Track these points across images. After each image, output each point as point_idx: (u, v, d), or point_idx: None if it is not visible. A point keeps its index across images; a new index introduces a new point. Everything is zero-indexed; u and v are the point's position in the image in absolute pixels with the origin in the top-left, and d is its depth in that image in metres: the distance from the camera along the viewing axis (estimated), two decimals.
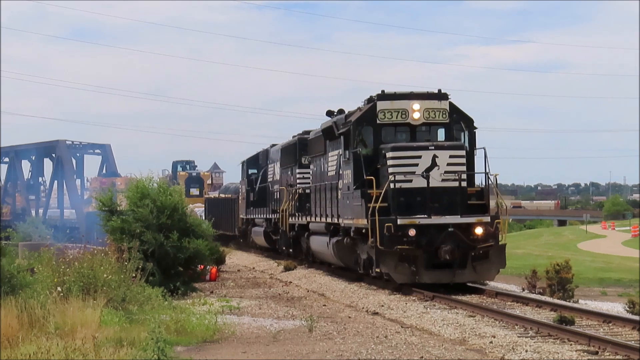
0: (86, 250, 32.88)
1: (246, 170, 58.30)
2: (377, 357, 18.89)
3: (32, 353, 16.28)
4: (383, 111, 30.49)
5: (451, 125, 31.15)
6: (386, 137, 30.86)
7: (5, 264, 25.61)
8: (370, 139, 30.99)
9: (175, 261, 33.21)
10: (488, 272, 29.31)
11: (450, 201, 29.05)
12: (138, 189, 35.45)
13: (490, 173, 29.84)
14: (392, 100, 30.71)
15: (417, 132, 30.84)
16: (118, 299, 24.73)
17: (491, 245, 28.66)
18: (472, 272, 28.49)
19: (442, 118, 30.95)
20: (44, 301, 21.84)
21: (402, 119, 30.68)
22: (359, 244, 31.51)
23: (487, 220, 28.81)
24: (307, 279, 38.05)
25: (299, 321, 24.62)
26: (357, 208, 30.08)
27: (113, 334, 20.02)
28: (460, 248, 28.00)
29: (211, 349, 20.39)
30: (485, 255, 28.52)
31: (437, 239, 28.04)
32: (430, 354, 19.26)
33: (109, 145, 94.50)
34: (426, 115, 30.61)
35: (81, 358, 16.47)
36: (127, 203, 35.83)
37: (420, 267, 28.04)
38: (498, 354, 19.22)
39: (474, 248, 28.35)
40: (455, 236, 28.04)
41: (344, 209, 32.27)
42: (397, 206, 28.70)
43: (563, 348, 19.74)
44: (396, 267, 28.07)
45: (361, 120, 30.62)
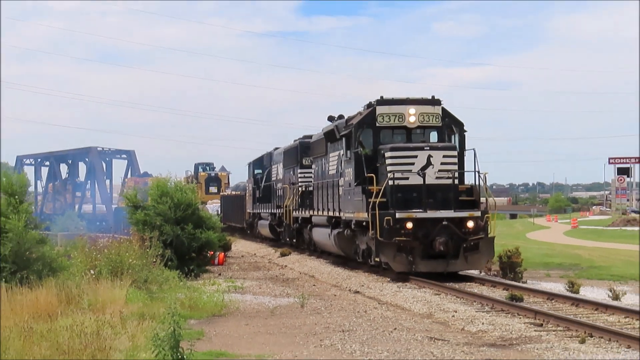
0: (114, 239, 32.95)
1: (252, 171, 57.62)
2: (358, 329, 18.90)
3: (69, 325, 16.25)
4: (382, 115, 29.46)
5: (443, 129, 30.00)
6: (384, 139, 29.75)
7: (46, 251, 25.55)
8: (370, 141, 29.86)
9: (190, 248, 33.22)
10: (478, 262, 28.08)
11: (443, 197, 27.89)
12: (158, 187, 35.49)
13: (480, 172, 28.92)
14: (390, 105, 29.61)
15: (413, 134, 29.76)
16: (141, 280, 24.71)
17: (481, 238, 27.45)
18: (464, 262, 27.30)
19: (435, 122, 29.83)
20: (78, 282, 21.82)
21: (399, 122, 29.54)
22: (359, 236, 30.45)
23: (477, 214, 27.65)
24: (299, 263, 38.01)
25: (292, 299, 24.60)
26: (358, 203, 29.02)
27: (137, 310, 20.01)
28: (453, 240, 26.88)
29: (219, 322, 20.40)
30: (476, 246, 27.35)
31: (432, 231, 26.85)
32: (402, 326, 19.29)
33: (134, 151, 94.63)
34: (421, 119, 29.52)
35: (110, 329, 16.46)
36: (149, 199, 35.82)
37: (417, 257, 26.92)
38: (459, 326, 19.27)
39: (465, 240, 27.13)
40: (449, 229, 26.90)
41: (345, 204, 31.19)
42: (395, 201, 27.59)
43: (513, 321, 19.80)
44: (395, 257, 26.93)
45: (362, 123, 29.71)
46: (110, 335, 15.88)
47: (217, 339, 17.54)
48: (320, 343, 17.04)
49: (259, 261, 41.64)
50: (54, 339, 14.70)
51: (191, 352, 12.72)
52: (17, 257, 23.72)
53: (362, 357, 15.44)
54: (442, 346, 16.47)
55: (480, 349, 16.31)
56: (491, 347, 16.59)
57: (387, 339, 17.41)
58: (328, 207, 33.90)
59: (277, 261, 40.78)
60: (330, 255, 36.61)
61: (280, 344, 16.96)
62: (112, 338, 15.71)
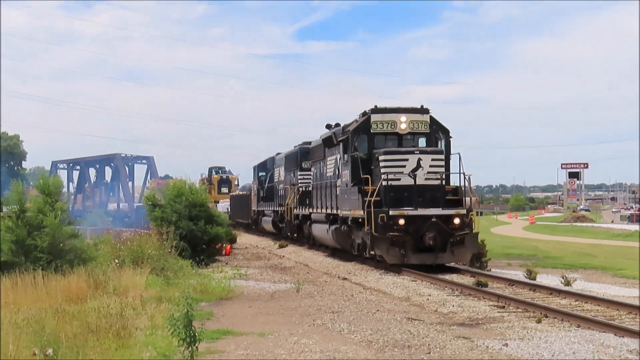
0: (136, 233, 32.94)
1: (257, 173, 57.05)
2: (345, 310, 18.90)
3: (96, 307, 16.24)
4: (376, 122, 28.63)
5: (431, 135, 29.03)
6: (378, 144, 28.74)
7: (77, 243, 25.55)
8: (365, 145, 28.84)
9: (201, 241, 33.27)
10: (464, 255, 26.78)
11: (432, 196, 26.91)
12: (175, 189, 35.58)
13: (465, 173, 27.94)
14: (383, 113, 28.77)
15: (404, 140, 28.73)
16: (159, 268, 24.71)
17: (467, 233, 26.49)
18: (450, 255, 26.21)
19: (424, 129, 28.88)
20: (105, 270, 21.79)
21: (391, 129, 28.69)
22: (354, 231, 29.44)
23: (463, 212, 26.71)
24: (295, 254, 37.95)
25: (289, 284, 24.57)
26: (354, 201, 28.15)
27: (155, 294, 20.00)
28: (441, 235, 25.86)
29: (226, 304, 20.38)
30: (462, 241, 26.32)
31: (422, 227, 25.85)
32: (383, 308, 19.29)
33: (152, 157, 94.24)
34: (411, 126, 28.67)
35: (132, 311, 16.45)
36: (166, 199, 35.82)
37: (408, 250, 25.90)
38: (433, 308, 19.28)
39: (452, 235, 26.13)
40: (437, 225, 25.92)
41: (342, 202, 30.23)
42: (388, 200, 26.71)
43: (479, 303, 19.80)
44: (388, 250, 25.95)
45: (358, 130, 28.95)
46: (132, 316, 15.88)
47: (224, 319, 17.54)
48: (313, 322, 17.04)
49: (261, 252, 41.60)
50: (84, 319, 14.70)
51: (202, 330, 12.70)
52: (52, 249, 23.71)
53: (349, 334, 15.44)
54: (418, 325, 16.48)
55: (451, 327, 16.33)
56: (460, 326, 16.61)
57: (371, 319, 17.41)
58: (326, 205, 33.25)
59: (276, 252, 40.72)
60: (327, 249, 35.98)
61: (279, 323, 16.96)
62: (133, 318, 15.72)
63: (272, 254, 39.78)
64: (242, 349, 13.87)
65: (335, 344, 14.33)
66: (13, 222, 24.24)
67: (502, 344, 14.20)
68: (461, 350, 13.70)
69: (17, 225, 24.08)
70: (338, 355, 13.21)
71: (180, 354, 12.19)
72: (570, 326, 16.21)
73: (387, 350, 13.72)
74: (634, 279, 26.42)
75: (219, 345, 14.18)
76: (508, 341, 14.50)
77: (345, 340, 14.83)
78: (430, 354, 13.39)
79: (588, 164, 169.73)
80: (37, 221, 24.15)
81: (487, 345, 14.13)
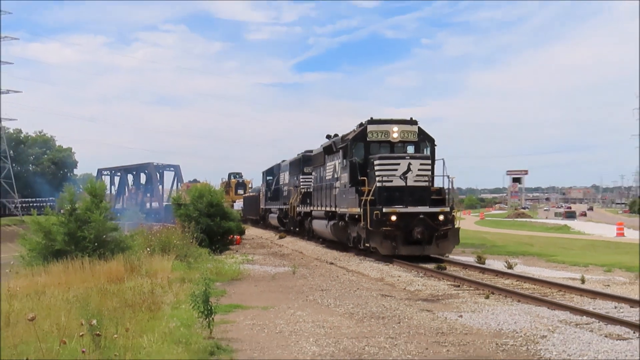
0: (164, 227, 32.92)
1: (265, 177, 55.69)
2: (332, 288, 18.87)
3: (132, 286, 16.20)
4: (371, 132, 27.30)
5: (419, 143, 27.59)
6: (373, 150, 27.35)
7: (117, 235, 25.55)
8: (362, 152, 27.42)
9: (217, 233, 33.23)
10: (447, 247, 25.45)
11: (419, 196, 25.54)
12: (197, 191, 35.66)
13: (450, 176, 26.74)
14: (378, 124, 27.47)
15: (395, 147, 27.34)
16: (182, 255, 24.68)
17: (450, 228, 25.25)
18: (435, 247, 24.95)
19: (413, 138, 27.46)
20: (139, 256, 21.75)
21: (384, 138, 27.35)
22: (350, 226, 28.11)
23: (447, 210, 25.44)
24: (292, 244, 37.90)
25: (287, 268, 24.53)
26: (351, 200, 26.83)
27: (179, 275, 19.98)
28: (428, 230, 24.65)
29: (236, 284, 20.35)
30: (445, 235, 25.10)
31: (411, 223, 24.59)
32: (362, 287, 19.28)
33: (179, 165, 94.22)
34: (402, 136, 27.34)
35: (160, 289, 16.42)
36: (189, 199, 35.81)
37: (399, 243, 24.66)
38: (402, 287, 19.28)
39: (437, 230, 24.87)
40: (424, 221, 24.67)
41: (340, 201, 28.90)
42: (382, 199, 25.28)
43: (440, 283, 19.83)
44: (382, 243, 24.67)
45: (356, 138, 27.59)
46: (161, 293, 15.86)
47: (235, 296, 17.51)
48: (306, 298, 17.02)
49: (264, 242, 41.54)
50: (122, 296, 14.67)
51: (217, 304, 12.69)
52: (97, 240, 23.68)
53: (335, 308, 15.43)
54: (390, 300, 16.48)
55: (417, 302, 16.33)
56: (424, 301, 16.61)
57: (352, 295, 17.40)
58: (326, 204, 32.19)
59: (277, 242, 40.66)
60: (325, 241, 35.02)
61: (279, 299, 16.94)
62: (161, 295, 15.69)
63: (273, 244, 39.73)
64: (250, 319, 13.86)
65: (324, 315, 14.34)
66: (66, 218, 24.25)
67: (457, 316, 14.22)
68: (425, 320, 13.71)
69: (69, 220, 24.09)
70: (326, 324, 13.20)
71: (200, 324, 12.18)
72: (512, 301, 16.25)
73: (365, 321, 13.72)
74: (563, 264, 26.39)
75: (230, 316, 14.17)
76: (462, 313, 14.52)
77: (332, 312, 14.83)
78: (400, 323, 13.40)
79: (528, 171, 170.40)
80: (85, 217, 24.14)
81: (445, 316, 14.15)
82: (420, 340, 11.75)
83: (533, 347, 11.22)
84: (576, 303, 15.58)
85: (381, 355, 10.73)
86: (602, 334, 12.15)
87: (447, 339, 11.88)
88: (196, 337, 11.25)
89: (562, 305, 15.02)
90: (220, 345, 11.01)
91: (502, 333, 12.47)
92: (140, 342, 10.24)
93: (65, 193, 25.00)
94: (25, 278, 19.49)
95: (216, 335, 11.78)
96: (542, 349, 11.05)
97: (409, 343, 11.54)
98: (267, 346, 11.35)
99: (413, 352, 10.94)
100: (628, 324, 12.70)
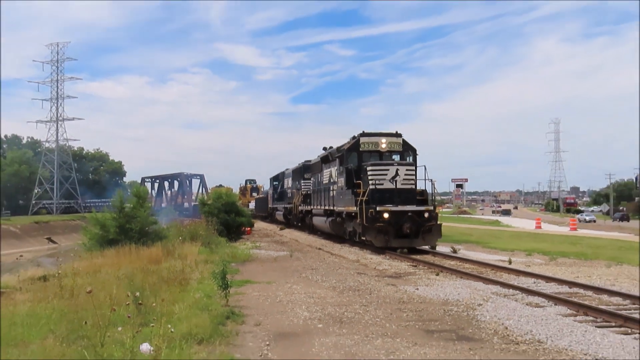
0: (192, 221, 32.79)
1: (272, 182, 54.55)
2: (320, 268, 18.78)
3: (167, 267, 16.12)
4: (363, 143, 25.74)
5: (403, 152, 25.79)
6: (365, 159, 25.62)
7: (157, 227, 25.52)
8: (355, 160, 25.76)
9: (232, 226, 33.15)
10: (431, 240, 23.49)
11: (406, 197, 23.83)
12: (217, 194, 35.63)
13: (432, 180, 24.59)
14: (369, 137, 25.92)
15: (384, 156, 25.59)
16: (206, 242, 24.57)
17: (433, 224, 23.36)
18: (421, 240, 23.15)
19: (398, 148, 25.74)
20: (173, 243, 21.67)
21: (374, 148, 25.77)
22: (347, 222, 26.30)
23: (431, 209, 23.56)
24: (290, 234, 37.80)
25: (285, 252, 24.44)
26: (348, 200, 25.14)
27: (204, 258, 19.87)
28: (415, 225, 22.91)
29: (247, 264, 20.25)
30: (430, 229, 23.20)
31: (401, 219, 22.87)
32: (343, 267, 19.21)
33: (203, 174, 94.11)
34: (389, 146, 25.72)
35: (189, 269, 16.33)
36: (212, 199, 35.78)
37: (391, 236, 22.88)
38: (373, 266, 19.19)
39: (423, 225, 23.08)
40: (412, 218, 22.92)
41: (338, 201, 27.13)
42: (374, 199, 23.48)
43: (402, 264, 19.77)
44: (376, 236, 22.94)
45: (350, 149, 25.99)
46: (189, 272, 15.77)
47: (246, 273, 17.41)
48: (300, 275, 16.95)
49: (269, 233, 41.39)
50: (159, 273, 14.58)
51: (232, 280, 12.64)
52: (141, 231, 23.64)
53: (322, 282, 15.37)
54: (364, 277, 16.43)
55: (384, 278, 16.28)
56: (390, 277, 16.57)
57: (335, 273, 17.34)
58: (324, 203, 30.25)
59: (278, 233, 40.50)
60: (323, 234, 32.79)
61: (279, 276, 16.86)
62: (190, 273, 15.61)
63: (275, 234, 39.59)
64: (257, 291, 13.78)
65: (313, 288, 14.27)
66: (117, 214, 24.19)
67: (415, 288, 14.18)
68: (390, 292, 13.67)
69: (120, 216, 24.03)
70: (315, 295, 13.14)
71: (219, 295, 12.10)
72: (456, 277, 16.23)
73: (345, 292, 13.67)
74: (495, 249, 26.41)
75: (242, 289, 14.08)
76: (419, 287, 14.48)
77: (320, 286, 14.77)
78: (371, 294, 13.35)
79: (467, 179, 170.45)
80: (132, 214, 24.08)
81: (405, 289, 14.11)
82: (386, 308, 11.71)
83: (472, 312, 11.20)
84: (505, 279, 15.56)
85: (357, 318, 10.69)
86: (524, 302, 12.15)
87: (406, 306, 11.85)
88: (216, 305, 11.18)
89: (494, 281, 15.01)
90: (234, 311, 10.95)
91: (448, 302, 12.45)
92: (173, 309, 10.17)
93: (116, 196, 24.96)
94: (86, 260, 19.39)
95: (231, 304, 11.70)
96: (478, 314, 11.03)
97: (377, 309, 11.50)
98: (269, 312, 11.30)
99: (381, 316, 10.90)
100: (543, 295, 12.72)
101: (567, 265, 19.76)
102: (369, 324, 10.18)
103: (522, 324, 9.97)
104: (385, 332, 9.56)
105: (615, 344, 8.58)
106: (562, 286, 14.29)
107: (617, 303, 12.17)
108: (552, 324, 9.93)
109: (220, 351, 8.12)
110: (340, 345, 8.73)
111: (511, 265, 18.99)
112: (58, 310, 10.28)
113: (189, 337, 8.46)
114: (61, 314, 9.92)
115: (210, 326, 9.19)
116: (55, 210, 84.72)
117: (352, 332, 9.59)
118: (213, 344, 8.50)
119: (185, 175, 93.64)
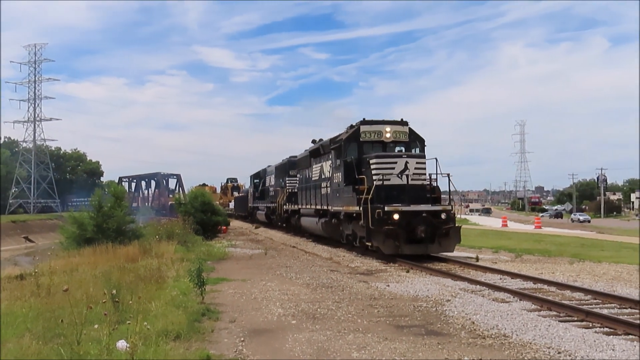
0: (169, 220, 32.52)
1: (252, 180, 51.63)
2: (294, 265, 18.74)
3: (144, 265, 15.98)
4: (364, 132, 21.44)
5: (410, 143, 21.66)
6: (366, 151, 21.47)
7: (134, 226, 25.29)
8: (355, 152, 21.55)
9: (208, 225, 32.93)
10: (449, 245, 19.39)
11: (416, 194, 19.74)
12: (193, 193, 35.44)
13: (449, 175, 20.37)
14: (371, 125, 21.65)
15: (387, 147, 21.50)
16: (182, 241, 24.40)
17: (451, 227, 19.29)
18: (438, 246, 19.18)
19: (404, 138, 21.58)
20: (149, 242, 21.48)
21: (377, 138, 21.47)
22: (344, 224, 22.49)
23: (449, 208, 19.59)
24: (265, 232, 37.68)
25: (260, 250, 24.35)
26: (348, 199, 21.19)
27: (180, 256, 19.67)
28: (430, 228, 18.91)
29: (222, 262, 20.11)
30: (447, 233, 19.12)
31: (414, 221, 18.81)
32: (316, 264, 19.18)
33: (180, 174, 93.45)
34: (394, 136, 21.44)
35: (165, 267, 16.19)
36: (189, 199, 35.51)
37: (402, 242, 18.76)
38: (345, 264, 19.18)
39: (439, 228, 19.04)
40: (427, 220, 18.88)
41: (333, 200, 23.20)
42: (380, 198, 19.37)
43: (373, 261, 19.69)
44: (384, 242, 18.82)
45: (349, 139, 21.65)
46: (165, 270, 15.61)
47: (221, 271, 17.31)
48: (274, 273, 16.91)
49: (244, 231, 41.18)
50: (136, 272, 14.43)
51: (208, 278, 12.57)
52: (118, 230, 23.42)
53: (296, 280, 15.35)
54: (337, 274, 16.44)
55: (356, 275, 16.31)
56: (362, 274, 16.60)
57: (309, 270, 17.33)
58: (315, 202, 26.37)
59: (254, 231, 40.35)
60: (312, 235, 29.35)
61: (254, 273, 16.80)
62: (166, 271, 15.45)
63: (251, 232, 39.43)
64: (232, 289, 13.71)
65: (287, 285, 14.25)
66: (94, 213, 23.93)
67: (386, 285, 14.23)
68: (362, 288, 13.70)
69: (97, 215, 23.77)
70: (289, 292, 13.12)
71: (195, 293, 12.02)
72: (426, 274, 16.33)
73: (318, 289, 13.67)
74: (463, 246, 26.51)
75: (218, 287, 14.00)
76: (389, 283, 14.53)
77: (294, 283, 14.75)
78: (344, 291, 13.37)
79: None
80: (109, 213, 23.84)
81: (377, 285, 14.15)
82: (358, 304, 11.74)
83: (440, 308, 11.29)
84: (472, 276, 15.68)
85: (329, 315, 10.70)
86: (490, 298, 12.28)
87: (378, 302, 11.89)
88: (192, 302, 11.11)
89: (462, 277, 15.11)
90: (210, 308, 10.89)
91: (418, 298, 12.52)
92: (149, 306, 10.08)
93: (94, 195, 24.70)
94: (62, 259, 19.14)
95: (207, 301, 11.62)
96: (446, 309, 11.12)
97: (350, 306, 11.52)
98: (244, 308, 11.25)
99: (353, 312, 10.93)
100: (509, 291, 12.87)
101: (531, 262, 19.99)
102: (342, 320, 10.20)
103: (489, 319, 10.08)
104: (357, 328, 9.59)
105: (577, 338, 8.72)
106: (527, 282, 14.46)
107: (579, 298, 12.36)
108: (517, 318, 10.06)
109: (196, 347, 8.08)
110: (313, 340, 8.73)
111: (478, 262, 19.08)
112: (34, 308, 10.14)
113: (165, 334, 8.40)
114: (38, 312, 9.78)
115: (186, 323, 9.13)
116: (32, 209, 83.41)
117: (324, 327, 9.60)
118: (189, 340, 8.45)
119: (163, 175, 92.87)
